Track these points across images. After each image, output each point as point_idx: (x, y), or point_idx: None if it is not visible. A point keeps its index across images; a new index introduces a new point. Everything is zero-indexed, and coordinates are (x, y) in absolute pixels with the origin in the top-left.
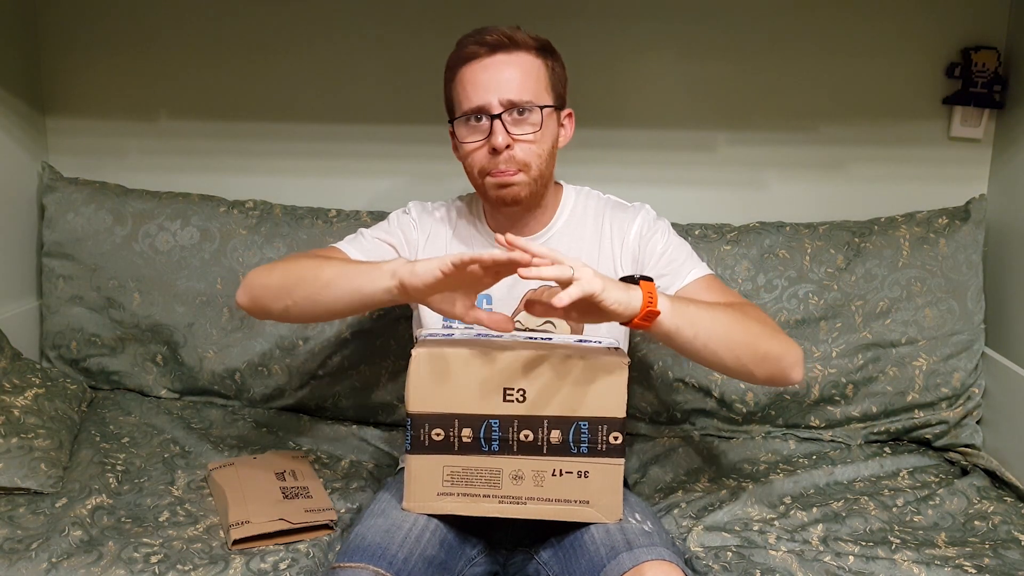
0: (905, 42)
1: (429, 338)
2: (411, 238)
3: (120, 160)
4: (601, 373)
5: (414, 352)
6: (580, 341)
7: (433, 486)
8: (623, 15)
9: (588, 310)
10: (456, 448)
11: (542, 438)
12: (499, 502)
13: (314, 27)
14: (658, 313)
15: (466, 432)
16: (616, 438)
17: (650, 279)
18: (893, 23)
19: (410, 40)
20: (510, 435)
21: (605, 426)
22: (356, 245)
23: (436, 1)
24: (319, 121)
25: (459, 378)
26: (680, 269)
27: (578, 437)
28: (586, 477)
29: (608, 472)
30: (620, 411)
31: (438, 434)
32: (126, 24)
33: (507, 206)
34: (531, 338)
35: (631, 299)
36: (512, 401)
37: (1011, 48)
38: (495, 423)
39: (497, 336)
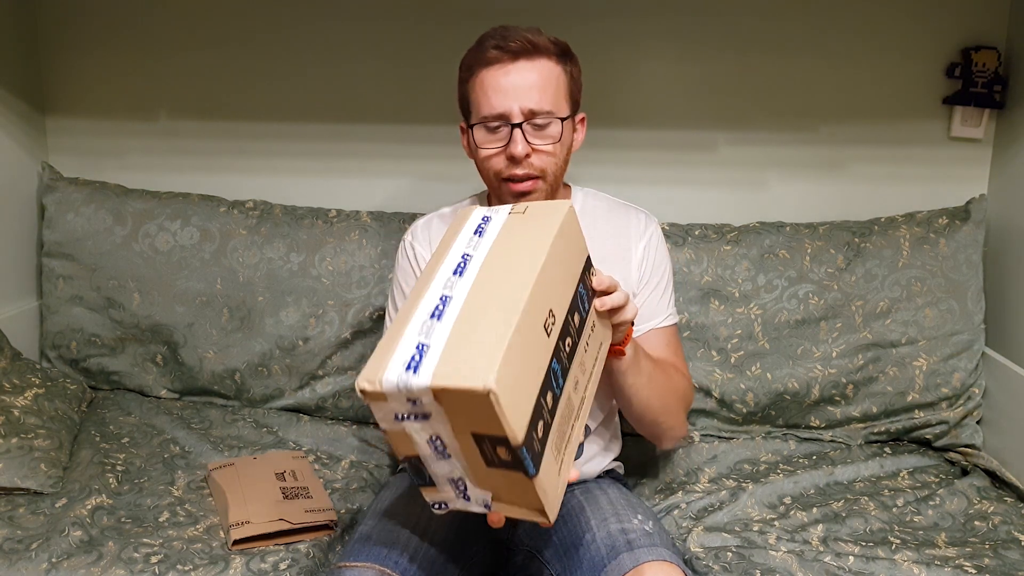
0: (905, 42)
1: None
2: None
3: (120, 160)
4: (566, 233)
5: (491, 386)
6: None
7: (554, 474)
8: (623, 15)
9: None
10: (551, 420)
11: (573, 331)
12: (579, 419)
13: (314, 27)
14: (623, 354)
15: (549, 397)
16: (593, 272)
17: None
18: (893, 23)
19: (411, 40)
20: (563, 358)
21: (587, 272)
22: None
23: (438, 2)
24: (319, 121)
25: (522, 363)
26: (658, 307)
27: (581, 300)
28: (595, 327)
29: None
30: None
31: (541, 428)
32: (126, 24)
33: None
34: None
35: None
36: (551, 329)
37: (1011, 48)
38: (554, 363)
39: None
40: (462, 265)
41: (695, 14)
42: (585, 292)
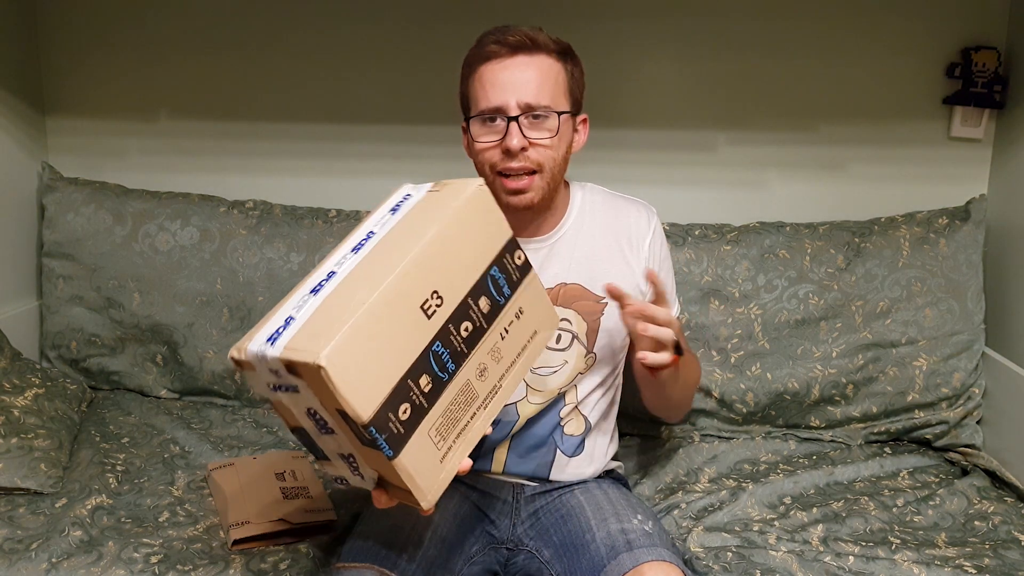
0: (905, 42)
1: (294, 344)
2: None
3: (120, 160)
4: (470, 213)
5: (321, 361)
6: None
7: (433, 461)
8: (623, 15)
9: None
10: (426, 404)
11: (476, 316)
12: (484, 408)
13: (314, 27)
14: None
15: (424, 380)
16: (519, 257)
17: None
18: (893, 23)
19: (411, 40)
20: (455, 343)
21: (508, 255)
22: None
23: (438, 2)
24: (319, 121)
25: (380, 342)
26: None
27: (496, 284)
28: (521, 313)
29: (531, 290)
30: (508, 234)
31: (404, 410)
32: (126, 24)
33: (519, 211)
34: (357, 248)
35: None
36: (434, 310)
37: (1011, 48)
38: (437, 346)
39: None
40: (362, 243)
41: (695, 15)
42: (503, 276)
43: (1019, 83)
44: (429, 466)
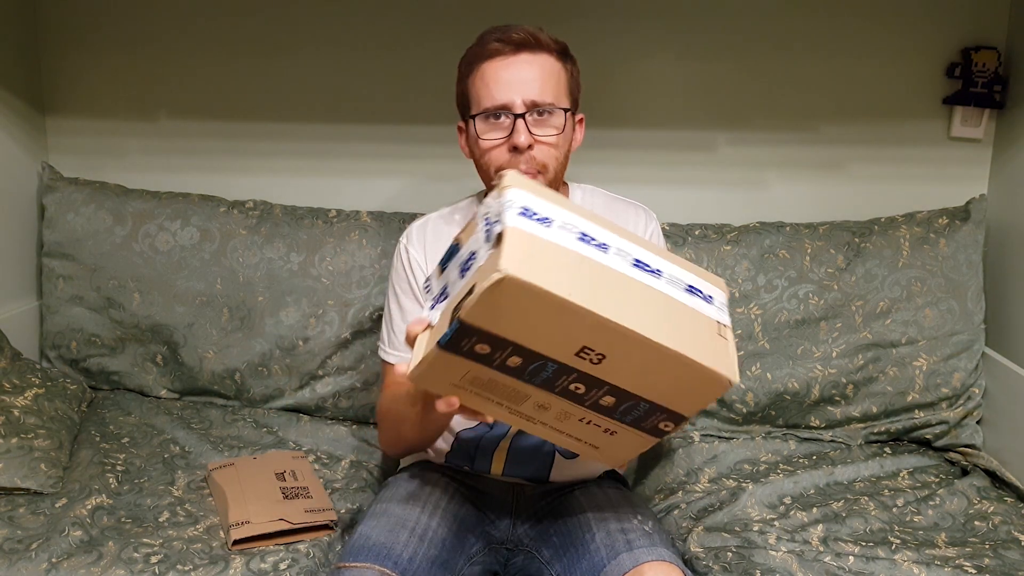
0: (905, 42)
1: (520, 228)
2: (419, 276)
3: (120, 160)
4: (698, 382)
5: (503, 268)
6: (692, 289)
7: (448, 378)
8: (623, 15)
9: None
10: (494, 365)
11: (593, 396)
12: (510, 412)
13: (314, 27)
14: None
15: (514, 360)
16: (667, 426)
17: None
18: (893, 23)
19: (411, 40)
20: (561, 381)
21: (665, 414)
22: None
23: (437, 1)
24: (319, 121)
25: (541, 317)
26: None
27: (631, 410)
28: (612, 435)
29: (636, 440)
30: (691, 413)
31: (483, 349)
32: (126, 24)
33: None
34: (650, 272)
35: None
36: (585, 359)
37: (1011, 48)
38: (552, 366)
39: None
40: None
41: (695, 14)
42: (638, 415)
43: (1019, 83)
44: (441, 375)
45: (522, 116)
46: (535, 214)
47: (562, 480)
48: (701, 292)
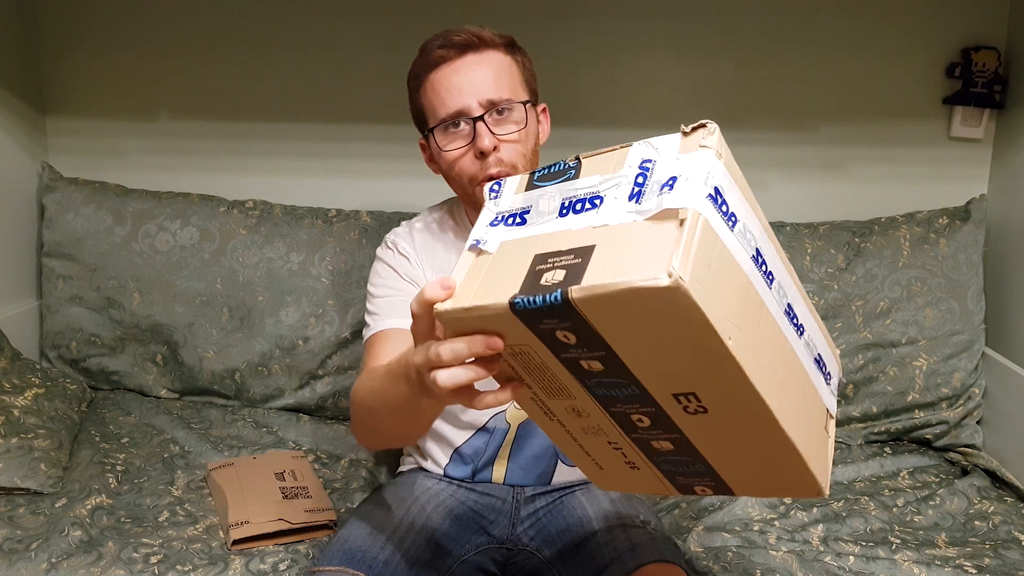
0: (905, 42)
1: (709, 221)
2: (410, 269)
3: (120, 160)
4: (787, 479)
5: (678, 272)
6: (819, 362)
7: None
8: (622, 15)
9: None
10: (564, 357)
11: (651, 435)
12: (532, 399)
13: (314, 27)
14: None
15: (594, 365)
16: (704, 491)
17: None
18: (893, 23)
19: (411, 40)
20: (630, 407)
21: (714, 483)
22: (385, 333)
23: (437, 2)
24: (319, 121)
25: (672, 343)
26: None
27: (680, 464)
28: (632, 468)
29: (655, 484)
30: (744, 495)
31: (566, 337)
32: (126, 24)
33: None
34: (796, 327)
35: None
36: (680, 405)
37: (1011, 48)
38: (634, 392)
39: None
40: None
41: (695, 14)
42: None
43: (1019, 83)
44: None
45: (481, 118)
46: (724, 203)
47: (564, 482)
48: (824, 367)
